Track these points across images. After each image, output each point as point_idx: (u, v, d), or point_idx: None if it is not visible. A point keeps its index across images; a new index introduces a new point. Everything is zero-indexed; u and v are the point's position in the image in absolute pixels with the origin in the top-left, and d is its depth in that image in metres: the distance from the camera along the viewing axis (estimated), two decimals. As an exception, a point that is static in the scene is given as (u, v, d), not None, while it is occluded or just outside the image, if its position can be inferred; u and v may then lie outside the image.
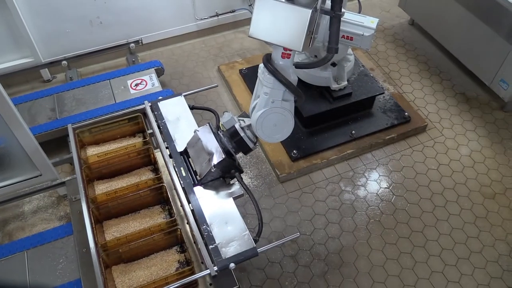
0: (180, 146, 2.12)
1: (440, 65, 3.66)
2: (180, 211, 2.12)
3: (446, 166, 2.96)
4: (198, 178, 1.99)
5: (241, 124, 1.98)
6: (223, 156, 1.92)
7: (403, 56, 3.74)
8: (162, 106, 2.31)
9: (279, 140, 1.98)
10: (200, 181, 1.98)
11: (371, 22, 2.52)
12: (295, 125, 1.93)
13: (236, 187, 1.98)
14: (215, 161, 1.92)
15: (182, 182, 1.98)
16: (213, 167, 1.92)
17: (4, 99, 1.95)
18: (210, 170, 1.93)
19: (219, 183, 2.00)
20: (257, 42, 3.72)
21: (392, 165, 2.97)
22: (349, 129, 3.03)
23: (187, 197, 1.94)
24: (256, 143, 2.03)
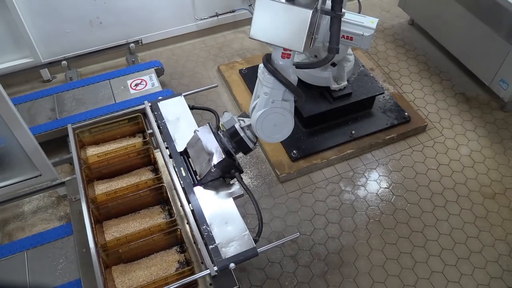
0: (180, 146, 2.12)
1: (440, 65, 3.66)
2: (180, 211, 2.12)
3: (446, 166, 2.96)
4: (198, 178, 1.99)
5: (241, 124, 1.98)
6: (223, 156, 1.92)
7: (403, 56, 3.74)
8: (162, 106, 2.31)
9: (279, 140, 1.98)
10: (200, 181, 1.98)
11: (371, 22, 2.53)
12: (295, 125, 1.93)
13: (236, 187, 1.98)
14: (215, 161, 1.92)
15: (182, 182, 1.98)
16: (213, 167, 1.92)
17: (4, 99, 1.95)
18: (210, 170, 1.93)
19: (219, 183, 2.00)
20: (257, 42, 3.71)
21: (392, 165, 2.97)
22: (349, 129, 3.03)
23: (187, 197, 1.94)
24: (256, 143, 2.03)
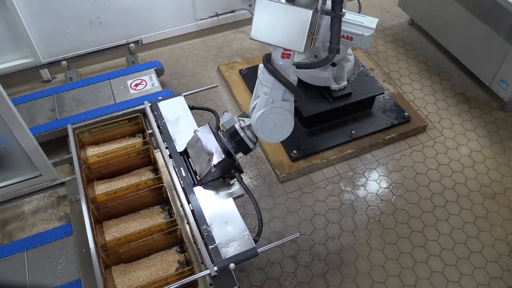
0: (180, 146, 2.12)
1: (440, 65, 3.66)
2: (180, 211, 2.12)
3: (446, 166, 2.96)
4: (198, 178, 1.99)
5: (241, 124, 1.98)
6: (223, 156, 1.92)
7: (403, 56, 3.74)
8: (162, 106, 2.31)
9: (279, 140, 1.98)
10: (200, 181, 1.98)
11: (371, 22, 2.53)
12: (295, 125, 1.93)
13: (236, 187, 1.98)
14: (215, 161, 1.92)
15: (182, 182, 1.98)
16: (213, 167, 1.92)
17: (4, 99, 1.95)
18: (210, 170, 1.93)
19: (219, 183, 2.00)
20: (256, 42, 3.70)
21: (392, 165, 2.97)
22: (349, 129, 3.03)
23: (187, 197, 1.94)
24: (256, 143, 2.03)
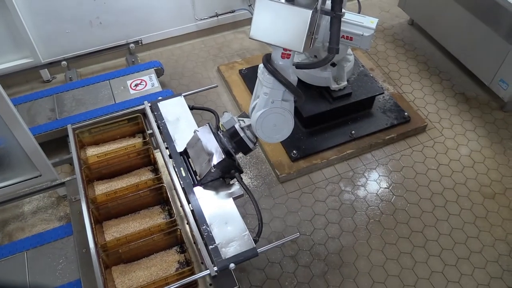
0: (180, 146, 2.12)
1: (440, 65, 3.66)
2: (180, 211, 2.12)
3: (446, 166, 2.96)
4: (198, 178, 1.99)
5: (241, 125, 1.98)
6: (223, 156, 1.92)
7: (402, 56, 3.74)
8: (161, 107, 2.31)
9: (279, 140, 1.98)
10: (200, 182, 1.98)
11: (370, 22, 2.53)
12: (295, 125, 1.93)
13: (236, 187, 1.98)
14: (215, 161, 1.92)
15: (182, 182, 1.98)
16: (213, 167, 1.92)
17: (3, 99, 1.95)
18: (210, 171, 1.93)
19: (219, 183, 1.99)
20: (256, 43, 3.72)
21: (392, 165, 2.97)
22: (349, 129, 3.03)
23: (187, 197, 1.94)
24: (256, 143, 2.03)
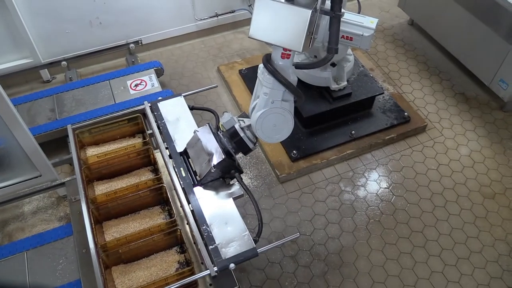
0: (179, 146, 2.12)
1: (440, 65, 3.66)
2: (180, 211, 2.12)
3: (446, 166, 2.96)
4: (198, 178, 1.99)
5: (241, 125, 1.98)
6: (223, 156, 1.92)
7: (402, 56, 3.74)
8: (161, 107, 2.31)
9: (278, 140, 1.98)
10: (200, 182, 1.98)
11: (370, 22, 2.53)
12: (294, 125, 1.93)
13: (236, 188, 1.98)
14: (215, 161, 1.92)
15: (182, 182, 1.98)
16: (213, 167, 1.92)
17: (3, 99, 1.95)
18: (210, 171, 1.93)
19: (219, 183, 1.99)
20: (256, 43, 3.72)
21: (391, 165, 2.97)
22: (348, 129, 3.03)
23: (187, 197, 1.94)
24: (256, 143, 2.03)
